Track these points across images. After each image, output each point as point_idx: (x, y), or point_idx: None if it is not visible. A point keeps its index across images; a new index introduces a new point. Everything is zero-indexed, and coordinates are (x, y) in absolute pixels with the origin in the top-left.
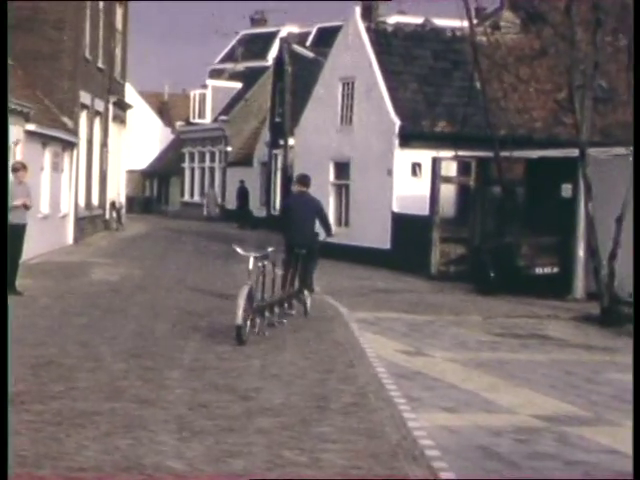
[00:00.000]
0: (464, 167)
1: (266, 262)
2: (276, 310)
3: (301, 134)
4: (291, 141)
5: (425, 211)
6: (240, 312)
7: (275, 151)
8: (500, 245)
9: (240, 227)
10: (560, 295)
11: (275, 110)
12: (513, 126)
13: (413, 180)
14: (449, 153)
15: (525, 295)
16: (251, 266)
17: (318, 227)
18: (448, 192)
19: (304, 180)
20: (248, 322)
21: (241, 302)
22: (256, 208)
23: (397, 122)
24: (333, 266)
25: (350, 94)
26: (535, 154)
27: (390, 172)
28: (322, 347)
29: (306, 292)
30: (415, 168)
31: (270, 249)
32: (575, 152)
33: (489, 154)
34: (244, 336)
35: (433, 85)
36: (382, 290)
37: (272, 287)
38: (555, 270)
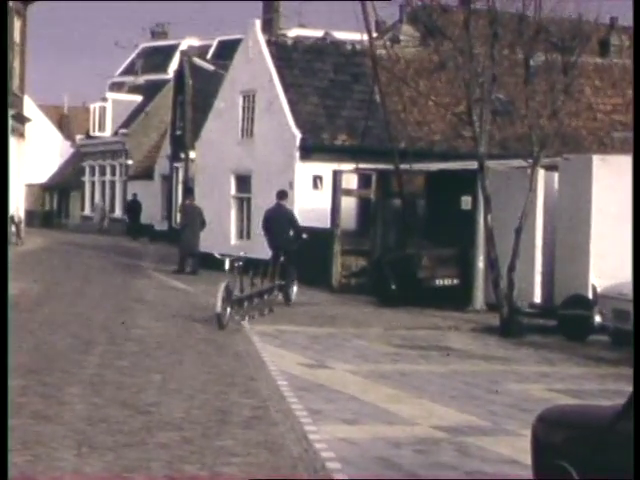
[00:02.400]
0: (365, 180)
1: (241, 263)
2: (256, 301)
3: (202, 147)
4: (192, 154)
5: (326, 224)
6: (219, 302)
7: (176, 164)
8: (401, 257)
9: (134, 239)
10: (460, 306)
11: (176, 123)
12: (413, 139)
13: (314, 193)
14: (350, 166)
15: (426, 307)
16: (227, 266)
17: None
18: (349, 205)
19: (281, 195)
20: (228, 310)
21: (220, 294)
22: (157, 222)
23: (298, 135)
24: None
25: (251, 107)
26: (435, 167)
27: (292, 185)
28: (223, 360)
29: (294, 286)
30: (316, 181)
31: (242, 253)
32: (474, 164)
33: (389, 167)
34: (224, 322)
35: (334, 98)
36: (283, 303)
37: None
38: (455, 282)
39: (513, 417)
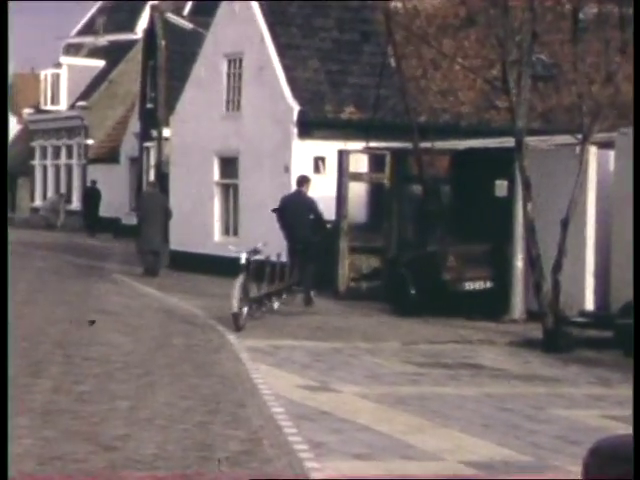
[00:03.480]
0: (377, 161)
1: (257, 257)
2: (273, 300)
3: (178, 123)
4: (166, 132)
5: (331, 215)
6: (236, 301)
7: (147, 144)
8: (422, 256)
9: (91, 235)
10: (495, 315)
11: (146, 94)
12: (436, 111)
13: (316, 178)
14: (359, 144)
15: (453, 316)
16: (243, 261)
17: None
18: (358, 192)
19: (302, 181)
20: (244, 310)
21: (236, 292)
22: (124, 214)
23: (295, 107)
24: (219, 283)
25: (238, 74)
26: (463, 144)
27: (287, 169)
28: (205, 383)
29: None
30: (318, 163)
31: (260, 245)
32: (511, 142)
33: (407, 145)
34: (240, 323)
35: (338, 62)
36: (279, 312)
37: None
38: (488, 285)
39: (560, 450)
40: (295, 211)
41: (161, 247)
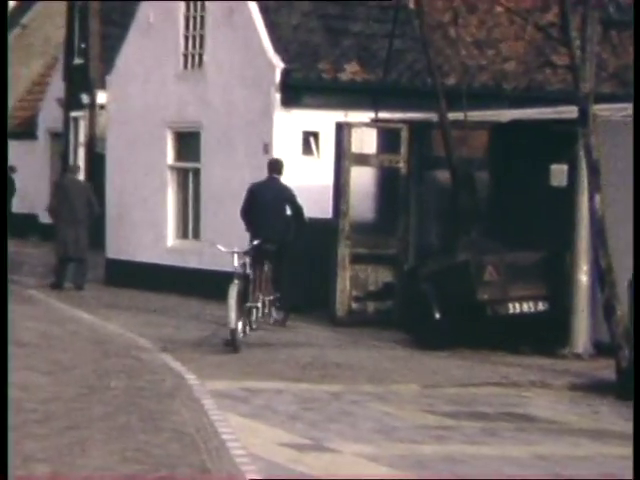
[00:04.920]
0: (389, 138)
1: (248, 259)
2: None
3: (118, 85)
4: (101, 97)
5: (326, 212)
6: (233, 314)
7: (75, 113)
8: (450, 267)
9: None
10: (550, 348)
11: (73, 44)
12: (469, 70)
13: (306, 160)
14: (365, 115)
15: (492, 348)
16: (236, 263)
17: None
18: (363, 180)
19: (275, 166)
20: (240, 325)
21: (232, 303)
22: (43, 210)
23: (278, 65)
24: (173, 303)
25: (199, 17)
26: (506, 115)
27: (267, 148)
28: (155, 441)
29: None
30: (308, 140)
31: (256, 242)
32: (573, 111)
33: (430, 116)
34: (238, 342)
35: (337, 4)
36: (255, 343)
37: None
38: (541, 307)
39: None
40: (267, 203)
41: (85, 253)
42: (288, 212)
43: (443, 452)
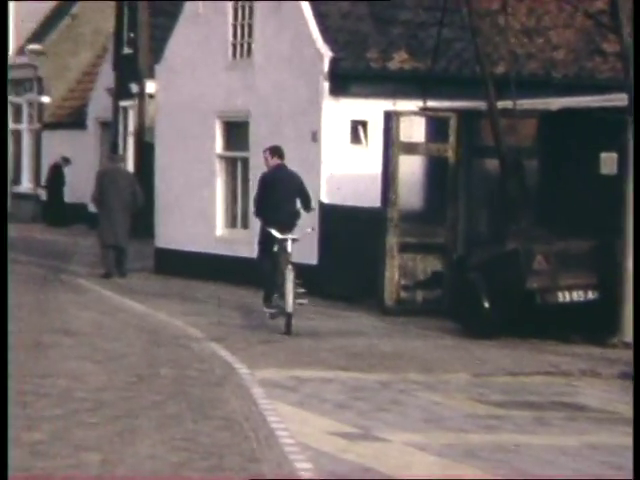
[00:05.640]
0: (437, 127)
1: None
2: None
3: (167, 75)
4: (150, 87)
5: (374, 201)
6: (290, 299)
7: (124, 103)
8: (499, 256)
9: (52, 225)
10: (600, 337)
11: (122, 34)
12: (519, 58)
13: (354, 149)
14: (413, 104)
15: (542, 337)
16: (289, 249)
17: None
18: (412, 169)
19: (280, 151)
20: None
21: (290, 287)
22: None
23: (326, 54)
24: (222, 292)
25: (248, 7)
26: (556, 104)
27: (316, 137)
28: (205, 429)
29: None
30: (357, 129)
31: (310, 230)
32: (622, 99)
33: (479, 105)
34: (291, 327)
35: None
36: (304, 332)
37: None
38: (591, 296)
39: None
40: (282, 190)
41: (125, 241)
42: None
43: (492, 441)
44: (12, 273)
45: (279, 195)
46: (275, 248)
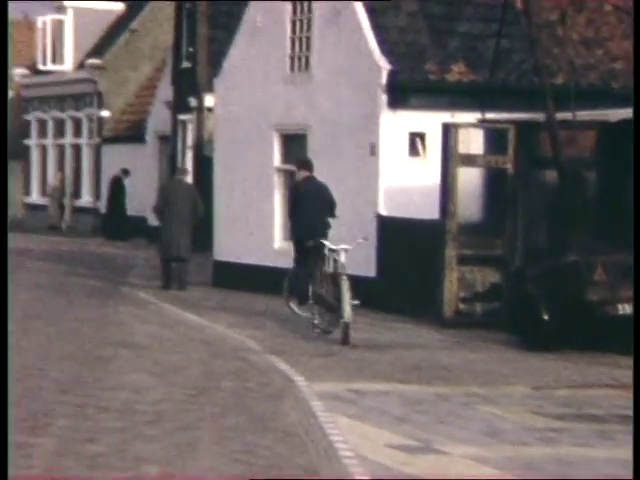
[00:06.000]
0: (496, 139)
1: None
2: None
3: (225, 88)
4: (209, 100)
5: (433, 213)
6: (349, 308)
7: (183, 117)
8: (558, 268)
9: (108, 238)
10: None
11: (181, 48)
12: (578, 69)
13: (412, 162)
14: (472, 116)
15: (602, 350)
16: (343, 259)
17: None
18: (470, 181)
19: (309, 164)
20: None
21: (348, 296)
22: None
23: (385, 66)
24: (280, 305)
25: (306, 20)
26: (615, 115)
27: (374, 149)
28: (264, 442)
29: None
30: (415, 142)
31: (361, 240)
32: None
33: (537, 117)
34: (350, 336)
35: (444, 3)
36: (362, 345)
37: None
38: None
39: None
40: (313, 203)
41: (187, 254)
42: None
43: (552, 454)
44: (72, 285)
45: (310, 207)
46: (315, 259)
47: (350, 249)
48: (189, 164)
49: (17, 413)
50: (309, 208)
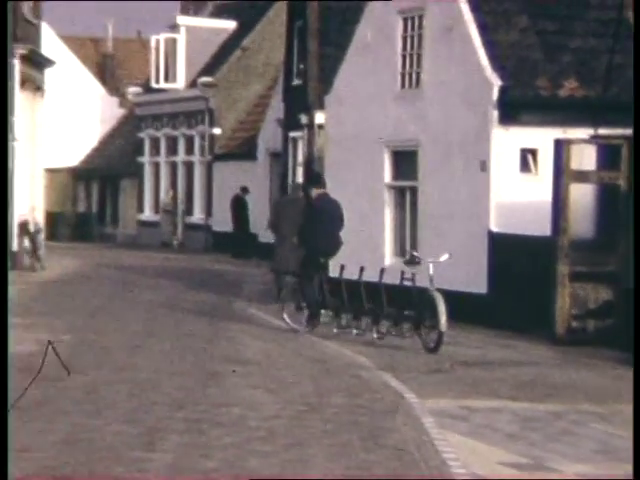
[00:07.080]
0: (609, 155)
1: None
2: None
3: (336, 105)
4: (320, 117)
5: (544, 230)
6: (444, 318)
7: (293, 134)
8: None
9: (235, 256)
10: None
11: (292, 66)
12: None
13: (524, 178)
14: (584, 132)
15: None
16: (431, 271)
17: None
18: (583, 197)
19: (322, 180)
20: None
21: (443, 308)
22: (263, 228)
23: (495, 82)
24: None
25: (417, 37)
26: None
27: (485, 166)
28: (376, 458)
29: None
30: (526, 158)
31: (446, 256)
32: None
33: None
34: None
35: (555, 18)
36: (475, 362)
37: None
38: None
39: None
40: (327, 220)
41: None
42: None
43: None
44: (185, 302)
45: (325, 224)
46: (320, 274)
47: (436, 262)
48: (297, 180)
49: (132, 429)
50: (324, 225)
